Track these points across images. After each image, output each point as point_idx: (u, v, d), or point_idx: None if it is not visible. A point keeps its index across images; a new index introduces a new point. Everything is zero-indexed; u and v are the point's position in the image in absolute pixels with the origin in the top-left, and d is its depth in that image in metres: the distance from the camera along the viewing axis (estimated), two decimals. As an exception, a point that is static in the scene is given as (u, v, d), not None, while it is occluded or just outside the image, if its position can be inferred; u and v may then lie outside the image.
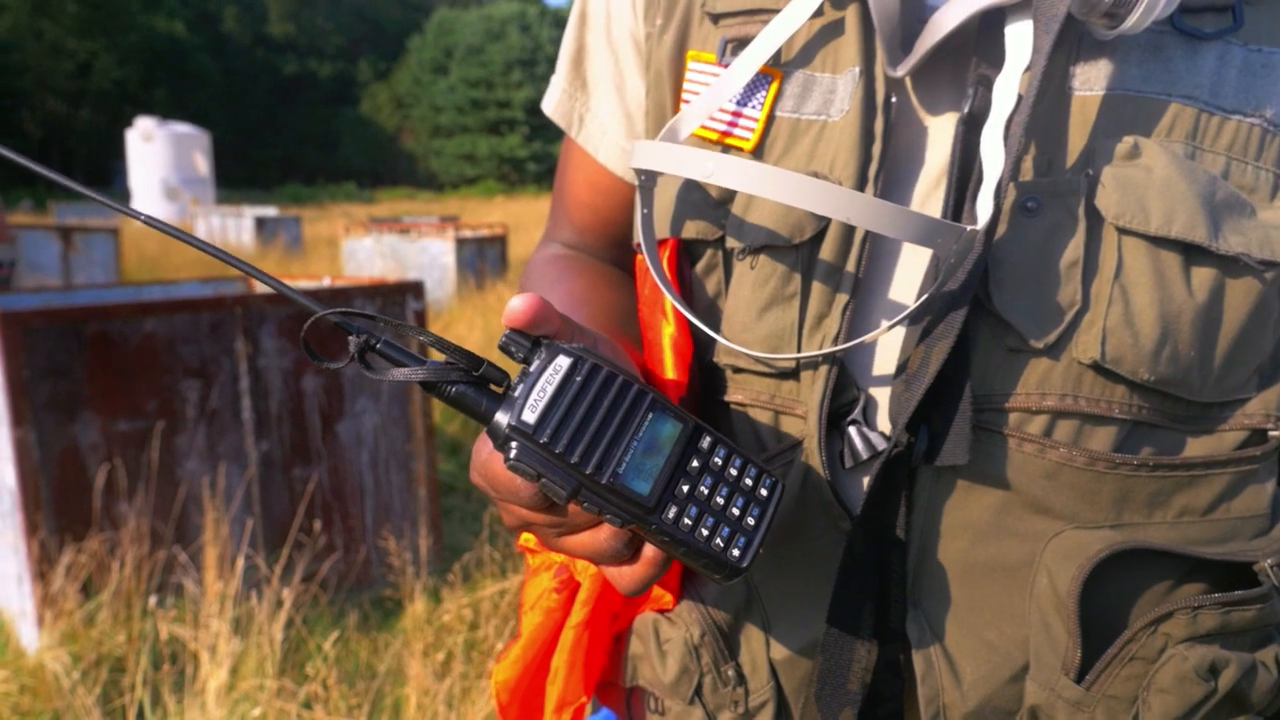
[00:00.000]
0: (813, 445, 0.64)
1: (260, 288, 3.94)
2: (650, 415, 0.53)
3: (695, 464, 0.54)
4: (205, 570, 2.72)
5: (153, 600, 2.76)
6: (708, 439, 0.55)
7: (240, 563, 2.74)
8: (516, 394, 0.51)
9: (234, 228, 14.17)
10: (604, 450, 0.51)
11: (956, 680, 0.64)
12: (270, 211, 16.01)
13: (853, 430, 0.64)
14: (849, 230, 0.63)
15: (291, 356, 3.14)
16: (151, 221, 0.53)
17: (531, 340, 0.52)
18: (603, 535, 0.54)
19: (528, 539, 0.81)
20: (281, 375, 3.13)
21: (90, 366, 2.78)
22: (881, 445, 0.63)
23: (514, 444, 0.50)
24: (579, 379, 0.51)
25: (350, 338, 0.51)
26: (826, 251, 0.63)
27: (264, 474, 3.12)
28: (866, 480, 0.63)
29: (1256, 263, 0.59)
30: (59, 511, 2.75)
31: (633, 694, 0.77)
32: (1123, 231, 0.59)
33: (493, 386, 0.53)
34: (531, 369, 0.51)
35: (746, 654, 0.70)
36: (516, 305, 0.52)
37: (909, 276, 0.64)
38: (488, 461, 0.54)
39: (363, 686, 2.54)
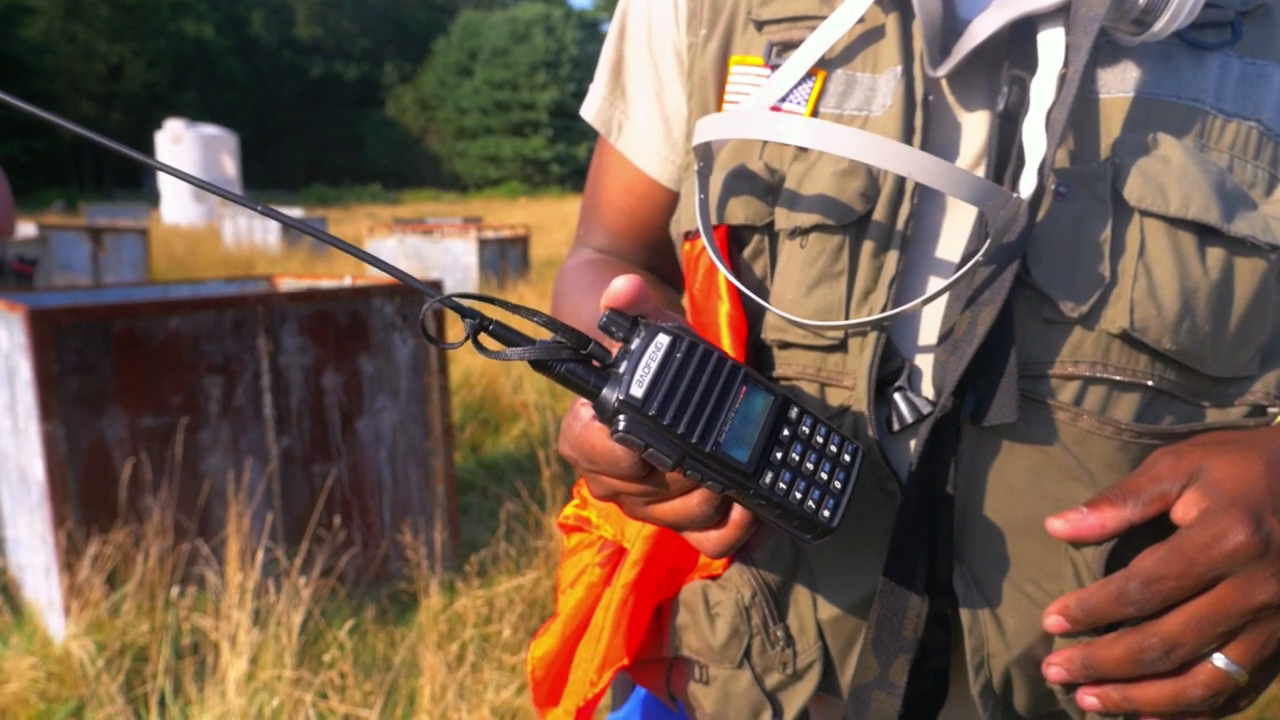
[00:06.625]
0: (861, 410, 0.67)
1: (281, 287, 4.00)
2: (745, 388, 0.55)
3: (786, 433, 0.56)
4: (227, 563, 2.77)
5: (175, 591, 2.81)
6: (795, 410, 0.58)
7: (261, 556, 2.79)
8: (622, 370, 0.53)
9: (260, 229, 14.32)
10: (706, 421, 0.53)
11: (1000, 631, 0.67)
12: (296, 213, 16.22)
13: (898, 396, 0.67)
14: (894, 211, 0.67)
15: (312, 354, 3.19)
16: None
17: (630, 320, 0.55)
18: (694, 501, 0.57)
19: (566, 515, 0.83)
20: (302, 372, 3.18)
21: (117, 363, 2.84)
22: (926, 409, 0.66)
23: (623, 417, 0.53)
24: (679, 355, 0.54)
25: (466, 320, 0.53)
26: (873, 231, 0.67)
27: (284, 469, 3.17)
28: (912, 444, 0.66)
29: (1263, 244, 0.64)
30: (86, 504, 2.81)
31: (674, 668, 0.78)
32: (1144, 214, 0.63)
33: (594, 363, 0.55)
34: (633, 347, 0.54)
35: (794, 615, 0.73)
36: (619, 286, 0.54)
37: (949, 255, 0.68)
38: (582, 434, 0.57)
39: (378, 677, 2.58)
